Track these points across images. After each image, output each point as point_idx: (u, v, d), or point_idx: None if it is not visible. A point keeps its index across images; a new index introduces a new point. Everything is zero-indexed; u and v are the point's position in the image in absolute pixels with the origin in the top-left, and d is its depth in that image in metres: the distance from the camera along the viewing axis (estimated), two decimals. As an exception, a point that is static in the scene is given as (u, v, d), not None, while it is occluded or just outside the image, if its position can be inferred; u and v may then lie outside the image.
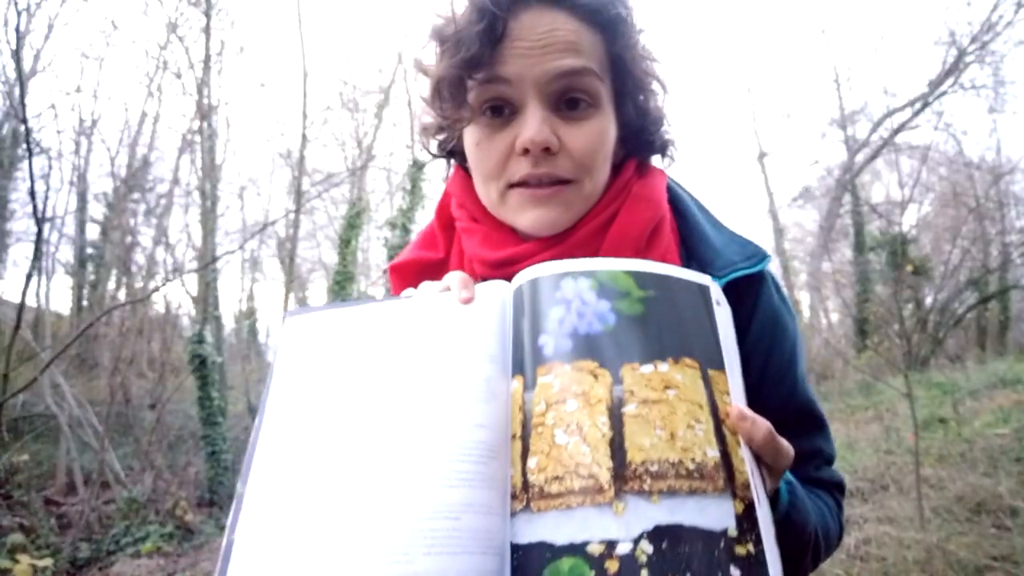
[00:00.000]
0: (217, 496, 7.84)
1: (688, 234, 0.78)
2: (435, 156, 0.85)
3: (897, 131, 13.32)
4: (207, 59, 9.73)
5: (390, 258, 9.86)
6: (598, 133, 0.71)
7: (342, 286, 9.58)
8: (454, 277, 0.63)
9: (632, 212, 0.73)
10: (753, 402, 0.57)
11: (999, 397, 6.72)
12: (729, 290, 0.69)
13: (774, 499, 0.62)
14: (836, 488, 0.81)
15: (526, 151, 0.69)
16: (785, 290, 0.81)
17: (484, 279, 0.74)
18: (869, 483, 4.88)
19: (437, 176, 9.98)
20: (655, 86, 0.77)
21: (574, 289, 0.54)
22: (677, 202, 0.81)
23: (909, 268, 10.52)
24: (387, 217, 10.56)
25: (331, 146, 15.47)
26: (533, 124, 0.67)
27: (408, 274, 0.82)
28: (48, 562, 5.03)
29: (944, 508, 4.10)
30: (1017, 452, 4.88)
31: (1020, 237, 13.36)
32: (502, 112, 0.71)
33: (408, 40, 11.60)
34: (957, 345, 12.45)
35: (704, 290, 0.58)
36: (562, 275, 0.55)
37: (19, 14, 5.69)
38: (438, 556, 0.46)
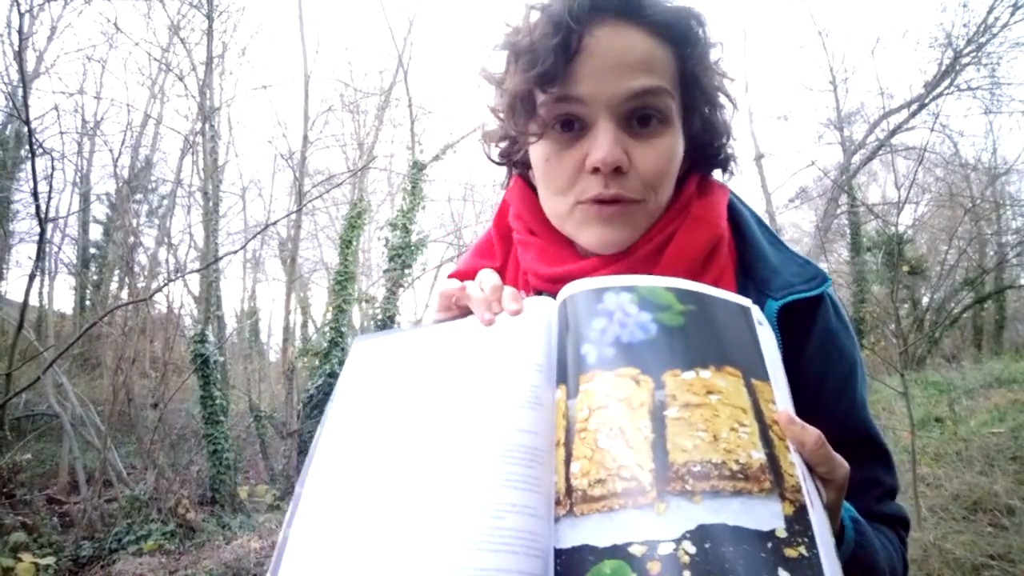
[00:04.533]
0: (219, 495, 7.85)
1: (746, 253, 0.76)
2: (496, 164, 0.84)
3: (893, 132, 13.34)
4: (209, 61, 9.73)
5: (391, 258, 9.93)
6: (667, 151, 0.70)
7: (343, 286, 9.59)
8: (506, 291, 0.64)
9: (689, 233, 0.72)
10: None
11: (995, 396, 6.75)
12: (787, 311, 0.70)
13: (839, 536, 0.60)
14: (900, 524, 0.76)
15: (596, 170, 0.68)
16: (846, 314, 0.79)
17: (538, 293, 0.74)
18: (866, 481, 4.91)
19: (438, 177, 10.01)
20: (723, 101, 0.76)
21: (616, 301, 0.55)
22: (737, 219, 0.79)
23: (905, 268, 10.57)
24: (388, 218, 10.57)
25: (332, 147, 15.49)
26: (604, 144, 0.66)
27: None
28: (50, 560, 5.06)
29: (941, 507, 4.14)
30: (1013, 451, 4.91)
31: (1016, 237, 13.42)
32: (572, 127, 0.69)
33: (409, 44, 11.63)
34: (953, 345, 12.51)
35: (745, 311, 0.58)
36: (604, 289, 0.57)
37: (22, 16, 5.67)
38: (481, 552, 0.46)
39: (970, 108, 13.24)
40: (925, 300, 12.11)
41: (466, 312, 0.66)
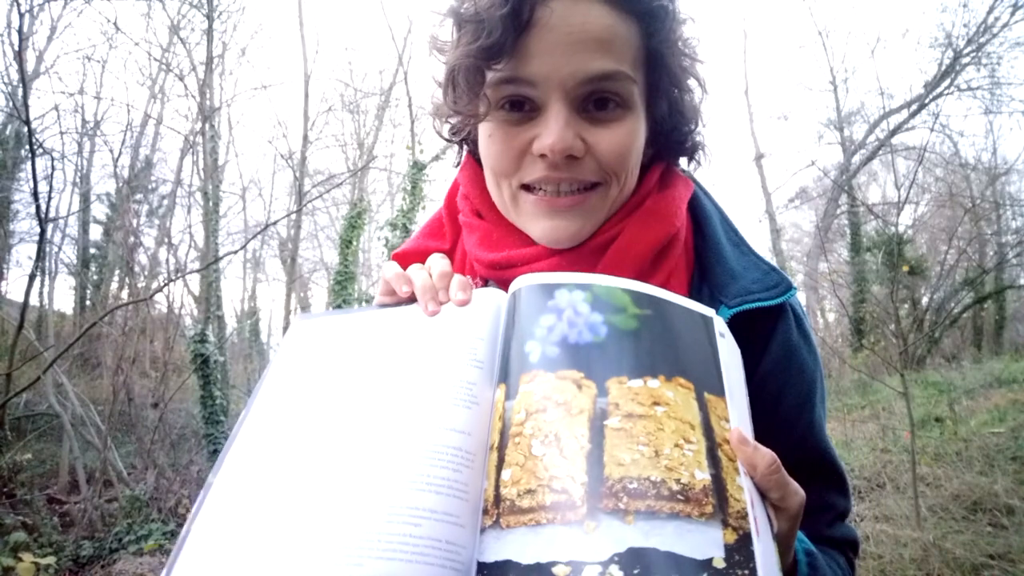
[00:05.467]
0: (219, 495, 7.85)
1: (706, 253, 0.71)
2: (446, 140, 0.78)
3: (893, 132, 13.38)
4: (209, 61, 9.75)
5: (391, 258, 9.87)
6: (627, 135, 0.64)
7: (343, 286, 9.60)
8: (455, 280, 0.60)
9: (639, 229, 0.67)
10: (761, 443, 0.51)
11: (995, 396, 6.76)
12: (744, 320, 0.65)
13: (792, 571, 0.58)
14: (850, 547, 0.74)
15: (544, 155, 0.63)
16: (811, 328, 0.73)
17: (482, 278, 0.71)
18: (866, 481, 4.90)
19: (438, 177, 10.02)
20: (692, 84, 0.70)
21: (568, 299, 0.52)
22: (699, 217, 0.74)
23: (905, 268, 10.53)
24: (388, 218, 10.59)
25: (332, 147, 15.53)
26: (555, 129, 0.61)
27: (411, 263, 0.71)
28: (51, 560, 5.03)
29: (940, 506, 4.13)
30: (1013, 451, 4.91)
31: (1016, 237, 13.42)
32: (522, 107, 0.64)
33: (409, 44, 11.63)
34: (953, 345, 12.50)
35: (707, 321, 0.55)
36: (557, 285, 0.54)
37: (21, 16, 5.67)
38: (390, 561, 0.43)
39: (970, 108, 13.30)
40: (925, 300, 12.09)
41: (413, 298, 0.61)
